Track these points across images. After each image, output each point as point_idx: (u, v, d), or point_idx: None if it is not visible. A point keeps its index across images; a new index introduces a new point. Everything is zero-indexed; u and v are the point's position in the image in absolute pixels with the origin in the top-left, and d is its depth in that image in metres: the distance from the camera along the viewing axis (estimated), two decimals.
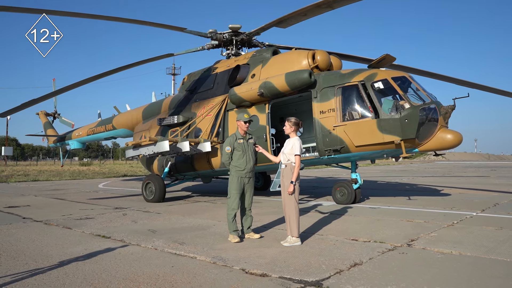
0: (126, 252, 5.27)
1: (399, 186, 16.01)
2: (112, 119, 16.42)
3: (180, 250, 5.31)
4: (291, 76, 9.75)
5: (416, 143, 8.92)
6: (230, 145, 6.05)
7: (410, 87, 9.28)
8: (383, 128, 8.81)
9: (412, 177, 22.67)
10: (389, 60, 9.67)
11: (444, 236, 6.00)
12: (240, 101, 10.72)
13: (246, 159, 6.03)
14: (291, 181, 5.54)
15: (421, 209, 8.96)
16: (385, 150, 9.15)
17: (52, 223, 7.70)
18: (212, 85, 12.40)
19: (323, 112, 9.57)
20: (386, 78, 9.13)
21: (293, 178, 5.55)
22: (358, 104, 9.25)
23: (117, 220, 8.07)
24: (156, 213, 9.01)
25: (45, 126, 21.27)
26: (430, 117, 8.89)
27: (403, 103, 8.79)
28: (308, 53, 10.45)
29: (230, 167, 6.09)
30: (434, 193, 12.86)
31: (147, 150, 10.71)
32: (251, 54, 11.88)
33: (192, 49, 13.42)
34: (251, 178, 6.11)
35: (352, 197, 9.91)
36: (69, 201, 11.97)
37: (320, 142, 9.60)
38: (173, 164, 11.87)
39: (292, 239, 5.57)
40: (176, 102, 13.38)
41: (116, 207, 10.15)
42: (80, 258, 4.92)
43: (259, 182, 14.98)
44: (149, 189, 11.33)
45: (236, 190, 5.98)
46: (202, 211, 9.32)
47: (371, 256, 4.87)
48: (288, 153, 5.70)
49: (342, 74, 9.70)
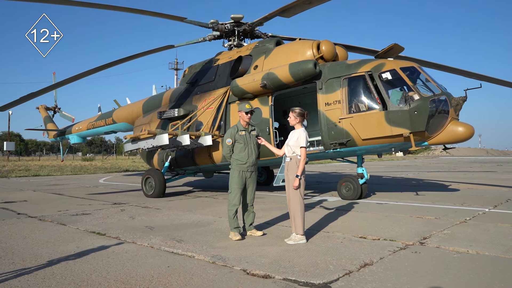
0: (120, 250, 4.96)
1: (405, 181, 15.64)
2: (112, 113, 16.10)
3: (177, 249, 4.99)
4: (295, 67, 9.38)
5: (426, 136, 8.55)
6: (231, 137, 5.71)
7: (420, 78, 8.89)
8: (391, 120, 8.44)
9: (418, 172, 22.28)
10: (397, 50, 9.28)
11: (458, 234, 5.65)
12: (242, 93, 10.37)
13: (248, 152, 5.70)
14: (297, 175, 5.20)
15: (431, 205, 8.61)
16: (393, 144, 8.78)
17: (47, 219, 7.41)
18: (213, 77, 12.05)
19: (328, 104, 9.20)
20: (394, 68, 8.74)
21: (299, 172, 5.21)
22: (365, 96, 8.88)
23: (114, 216, 7.77)
24: (155, 209, 8.70)
25: (45, 120, 20.99)
26: (441, 109, 8.50)
27: (412, 94, 8.40)
28: (312, 43, 10.07)
29: (231, 160, 5.75)
30: (442, 188, 12.49)
31: (146, 143, 10.37)
32: (254, 45, 11.51)
33: (193, 41, 13.06)
34: (253, 172, 5.77)
35: (358, 192, 9.56)
36: (67, 196, 11.69)
37: (325, 135, 9.24)
38: (174, 158, 11.55)
39: (297, 236, 5.24)
40: (177, 95, 13.05)
41: (114, 203, 9.85)
42: (70, 257, 4.61)
43: (262, 177, 14.66)
44: (149, 184, 11.02)
45: (238, 184, 5.64)
46: (203, 206, 9.00)
47: (382, 256, 4.53)
48: (293, 145, 5.36)
49: (348, 65, 9.32)
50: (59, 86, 14.94)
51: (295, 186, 5.20)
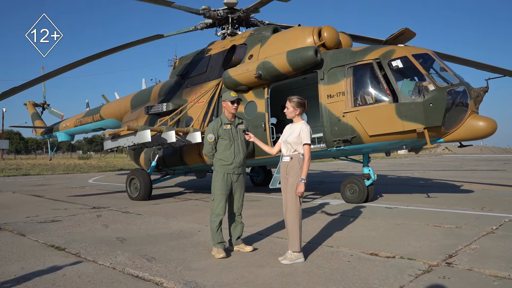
0: (73, 273, 3.97)
1: (413, 181, 14.63)
2: (99, 109, 15.12)
3: (144, 271, 4.01)
4: (294, 54, 8.37)
5: (442, 132, 7.54)
6: (214, 133, 4.71)
7: (434, 66, 7.88)
8: (403, 114, 7.43)
9: (423, 171, 21.27)
10: (408, 35, 8.25)
11: (489, 250, 4.65)
12: (235, 85, 9.36)
13: (234, 150, 4.70)
14: (301, 179, 4.22)
15: (447, 210, 7.61)
16: (405, 141, 7.77)
17: (8, 228, 6.43)
18: (205, 69, 11.05)
19: (331, 96, 8.19)
20: (406, 55, 7.73)
21: (303, 175, 4.24)
22: (373, 86, 7.86)
23: (86, 223, 6.79)
24: (135, 215, 7.72)
25: (33, 117, 20.01)
26: (459, 101, 7.49)
27: (427, 85, 7.38)
28: (313, 29, 9.06)
29: (214, 160, 4.76)
30: (454, 190, 11.49)
31: (126, 141, 9.34)
32: (249, 33, 10.50)
33: (183, 30, 12.05)
34: (241, 174, 4.78)
35: (364, 195, 8.56)
36: (46, 198, 10.72)
37: (328, 132, 8.24)
38: (161, 157, 10.56)
39: (293, 255, 4.25)
40: (167, 88, 12.06)
41: (94, 207, 8.88)
42: (5, 284, 3.63)
43: (259, 177, 13.70)
44: (134, 186, 10.03)
45: (222, 190, 4.65)
46: (190, 212, 8.02)
47: (402, 284, 3.54)
48: (294, 142, 4.36)
49: (354, 52, 8.30)
50: (45, 79, 13.96)
51: (299, 192, 4.23)
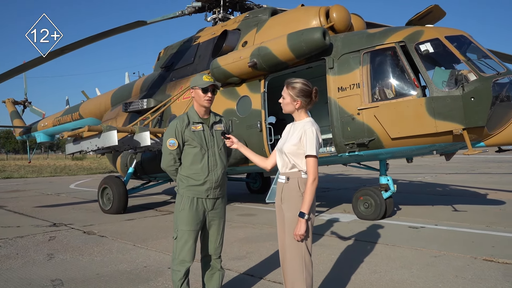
0: None
1: (429, 188, 13.03)
2: (79, 107, 13.55)
3: None
4: (296, 38, 6.80)
5: (485, 134, 5.96)
6: (176, 136, 3.10)
7: (474, 51, 6.31)
8: (435, 111, 5.84)
9: (435, 175, 19.65)
10: (437, 14, 6.66)
11: None
12: (225, 76, 7.80)
13: (208, 163, 3.08)
14: (302, 213, 2.63)
15: (490, 232, 6.01)
16: (437, 144, 6.18)
17: None
18: (192, 59, 9.51)
19: (342, 89, 6.61)
20: (438, 37, 6.15)
21: (305, 208, 2.62)
22: (396, 76, 6.29)
23: (28, 252, 5.24)
24: (98, 237, 6.17)
25: (12, 115, 18.36)
26: (507, 94, 5.92)
27: (467, 73, 5.80)
28: (319, 9, 7.51)
29: (177, 178, 3.16)
30: (481, 200, 9.90)
31: (90, 144, 7.73)
32: (243, 17, 8.96)
33: (169, 15, 10.47)
34: (218, 199, 3.16)
35: (381, 210, 6.98)
36: (6, 210, 9.22)
37: (339, 133, 6.67)
38: (139, 162, 8.98)
39: None
40: (149, 83, 10.52)
41: (54, 223, 7.35)
42: None
43: (256, 183, 12.11)
44: (107, 196, 8.46)
45: (189, 225, 3.03)
46: (168, 231, 6.44)
47: None
48: (292, 151, 2.76)
49: (371, 34, 6.73)
50: (22, 70, 12.31)
51: (298, 235, 2.62)
